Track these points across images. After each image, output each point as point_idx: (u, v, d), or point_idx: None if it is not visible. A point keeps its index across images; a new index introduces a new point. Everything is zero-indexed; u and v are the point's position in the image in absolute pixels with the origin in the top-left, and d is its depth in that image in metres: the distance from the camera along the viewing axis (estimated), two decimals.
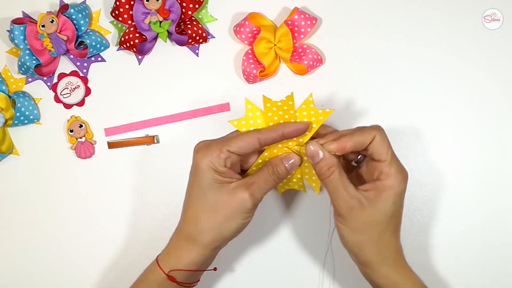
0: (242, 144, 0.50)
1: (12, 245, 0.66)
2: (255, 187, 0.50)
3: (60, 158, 0.65)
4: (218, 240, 0.51)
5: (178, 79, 0.64)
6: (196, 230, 0.51)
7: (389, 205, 0.49)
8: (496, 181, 0.60)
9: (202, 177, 0.50)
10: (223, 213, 0.50)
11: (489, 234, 0.61)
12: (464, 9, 0.61)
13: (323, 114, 0.51)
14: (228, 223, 0.50)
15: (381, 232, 0.50)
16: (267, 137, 0.50)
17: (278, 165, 0.52)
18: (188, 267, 0.52)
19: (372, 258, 0.50)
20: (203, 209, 0.51)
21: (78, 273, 0.65)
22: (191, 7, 0.62)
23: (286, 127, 0.50)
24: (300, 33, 0.61)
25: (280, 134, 0.50)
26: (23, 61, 0.63)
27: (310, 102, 0.51)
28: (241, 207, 0.50)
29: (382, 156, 0.49)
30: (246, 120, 0.52)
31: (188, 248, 0.52)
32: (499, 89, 0.61)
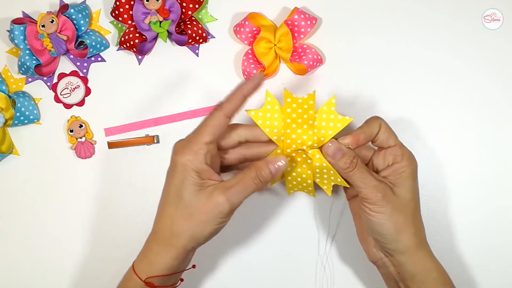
0: (213, 128, 0.49)
1: (12, 245, 0.66)
2: (233, 192, 0.48)
3: (60, 158, 0.65)
4: (191, 243, 0.50)
5: (178, 79, 0.64)
6: (171, 233, 0.50)
7: (412, 183, 0.51)
8: (496, 181, 0.60)
9: (180, 178, 0.49)
10: (198, 218, 0.48)
11: (489, 234, 0.61)
12: (464, 9, 0.61)
13: (342, 121, 0.50)
14: (203, 227, 0.49)
15: (414, 211, 0.51)
16: (230, 107, 0.49)
17: (262, 169, 0.49)
18: (164, 271, 0.50)
19: (411, 241, 0.50)
20: (178, 213, 0.49)
21: (78, 273, 0.65)
22: (191, 7, 0.62)
23: (243, 88, 0.50)
24: (300, 33, 0.61)
25: (241, 98, 0.50)
26: (23, 61, 0.63)
27: (332, 105, 0.49)
28: (217, 212, 0.48)
29: (391, 141, 0.51)
30: (264, 112, 0.50)
31: (161, 252, 0.50)
32: (499, 89, 0.61)
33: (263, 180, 0.49)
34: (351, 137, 0.50)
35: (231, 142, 0.53)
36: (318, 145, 0.50)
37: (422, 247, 0.51)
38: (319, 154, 0.50)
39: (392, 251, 0.51)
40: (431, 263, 0.51)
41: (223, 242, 0.63)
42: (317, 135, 0.50)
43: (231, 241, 0.63)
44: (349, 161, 0.49)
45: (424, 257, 0.51)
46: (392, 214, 0.49)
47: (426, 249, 0.52)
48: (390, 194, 0.50)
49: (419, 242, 0.51)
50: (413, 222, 0.51)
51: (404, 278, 0.51)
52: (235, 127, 0.53)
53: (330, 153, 0.49)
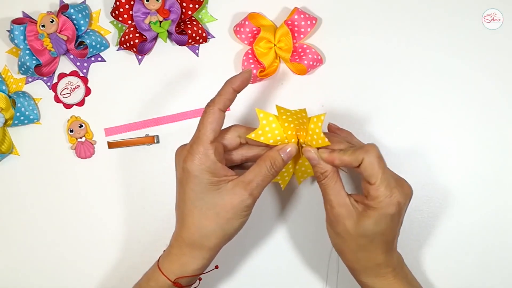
0: (212, 125, 0.49)
1: (12, 245, 0.66)
2: (254, 185, 0.50)
3: (60, 158, 0.65)
4: (223, 241, 0.51)
5: (178, 79, 0.64)
6: (200, 236, 0.51)
7: (372, 224, 0.48)
8: (496, 181, 0.60)
9: (196, 183, 0.49)
10: (225, 216, 0.50)
11: (489, 234, 0.61)
12: (464, 9, 0.61)
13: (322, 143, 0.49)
14: (231, 223, 0.50)
15: (363, 245, 0.49)
16: (222, 101, 0.50)
17: (276, 158, 0.51)
18: (195, 272, 0.52)
19: (351, 265, 0.52)
20: (204, 215, 0.50)
21: (78, 273, 0.65)
22: (191, 7, 0.62)
23: (231, 81, 0.51)
24: (300, 33, 0.61)
25: (230, 91, 0.50)
26: (23, 61, 0.63)
27: (320, 121, 0.49)
28: (242, 207, 0.50)
29: (371, 179, 0.48)
30: (262, 129, 0.51)
31: (194, 255, 0.51)
32: (499, 89, 0.61)
33: (277, 169, 0.51)
34: (328, 155, 0.50)
35: (233, 144, 0.53)
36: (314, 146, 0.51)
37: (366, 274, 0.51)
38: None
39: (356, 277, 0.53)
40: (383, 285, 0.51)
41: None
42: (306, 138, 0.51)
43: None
44: (319, 173, 0.50)
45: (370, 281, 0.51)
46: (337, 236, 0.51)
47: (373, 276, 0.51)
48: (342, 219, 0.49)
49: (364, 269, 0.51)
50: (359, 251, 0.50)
51: None
52: (236, 128, 0.53)
53: (307, 157, 0.51)
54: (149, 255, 0.56)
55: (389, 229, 0.49)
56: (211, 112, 0.50)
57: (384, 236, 0.49)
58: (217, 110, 0.50)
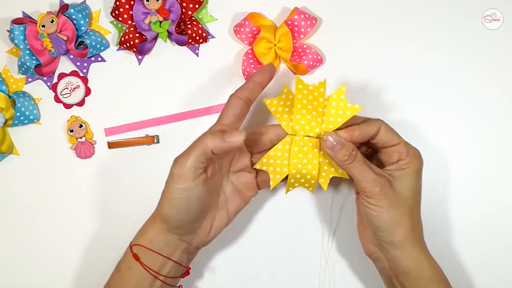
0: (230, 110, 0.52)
1: (11, 245, 0.66)
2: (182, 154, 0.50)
3: (60, 158, 0.65)
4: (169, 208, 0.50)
5: (178, 79, 0.64)
6: (160, 203, 0.52)
7: (414, 180, 0.51)
8: (496, 181, 0.60)
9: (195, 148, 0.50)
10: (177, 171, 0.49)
11: (489, 234, 0.61)
12: (464, 9, 0.61)
13: (351, 109, 0.51)
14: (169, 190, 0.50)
15: (412, 208, 0.51)
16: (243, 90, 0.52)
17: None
18: (146, 243, 0.52)
19: (406, 236, 0.51)
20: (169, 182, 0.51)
21: (77, 273, 0.65)
22: (191, 7, 0.62)
23: (254, 74, 0.53)
24: (300, 33, 0.61)
25: (252, 83, 0.53)
26: (23, 61, 0.63)
27: (342, 93, 0.51)
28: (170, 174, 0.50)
29: (394, 140, 0.52)
30: (278, 101, 0.53)
31: (150, 223, 0.53)
32: (499, 89, 0.61)
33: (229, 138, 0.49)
34: (346, 131, 0.51)
35: (266, 146, 0.55)
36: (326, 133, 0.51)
37: (417, 244, 0.52)
38: None
39: (387, 245, 0.51)
40: (426, 260, 0.52)
41: (224, 242, 0.63)
42: (326, 123, 0.51)
43: (233, 240, 0.63)
44: (348, 154, 0.50)
45: (419, 254, 0.51)
46: (389, 208, 0.50)
47: (421, 247, 0.52)
48: (388, 188, 0.50)
49: (415, 239, 0.51)
50: (410, 218, 0.51)
51: (398, 273, 0.52)
52: (265, 130, 0.55)
53: (329, 146, 0.50)
54: None
55: (419, 188, 0.53)
56: (230, 100, 0.53)
57: (417, 196, 0.52)
58: (234, 96, 0.52)
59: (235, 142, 0.49)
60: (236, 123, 0.53)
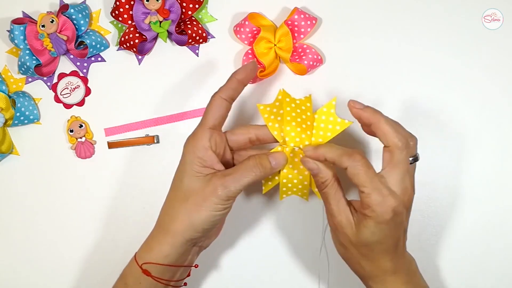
0: (212, 111, 0.51)
1: (11, 245, 0.66)
2: (230, 178, 0.48)
3: (60, 158, 0.65)
4: (188, 230, 0.49)
5: (178, 79, 0.64)
6: (169, 218, 0.50)
7: (368, 234, 0.47)
8: (497, 181, 0.60)
9: (183, 165, 0.50)
10: (194, 201, 0.48)
11: (490, 234, 0.61)
12: (464, 9, 0.61)
13: (341, 124, 0.50)
14: (198, 211, 0.48)
15: (365, 253, 0.48)
16: (225, 90, 0.51)
17: (262, 159, 0.49)
18: (160, 259, 0.50)
19: (357, 272, 0.51)
20: (177, 197, 0.50)
21: (77, 273, 0.65)
22: (191, 7, 0.62)
23: (237, 73, 0.52)
24: (300, 33, 0.61)
25: (235, 81, 0.51)
26: (23, 61, 0.63)
27: (332, 107, 0.50)
28: (213, 197, 0.48)
29: (359, 188, 0.46)
30: (271, 107, 0.52)
31: (159, 238, 0.50)
32: (499, 89, 0.61)
33: (262, 170, 0.49)
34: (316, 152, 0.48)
35: (241, 140, 0.53)
36: None
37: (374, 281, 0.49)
38: None
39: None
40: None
41: (224, 242, 0.63)
42: (315, 136, 0.50)
43: (232, 240, 0.63)
44: (320, 182, 0.49)
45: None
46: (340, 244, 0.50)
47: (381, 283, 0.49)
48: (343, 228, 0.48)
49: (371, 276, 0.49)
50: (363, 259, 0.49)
51: None
52: (245, 126, 0.54)
53: (307, 167, 0.49)
54: None
55: (388, 237, 0.47)
56: (212, 100, 0.51)
57: (383, 244, 0.47)
58: (218, 97, 0.51)
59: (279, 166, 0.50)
60: (221, 124, 0.52)
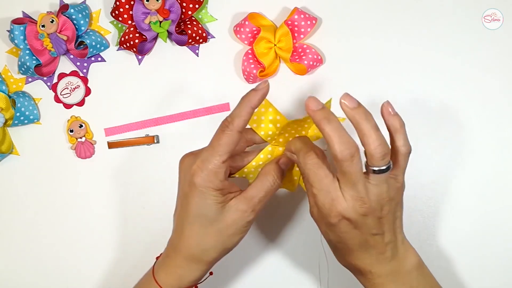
0: (228, 147, 0.47)
1: (12, 245, 0.66)
2: (256, 201, 0.49)
3: (60, 158, 0.65)
4: (221, 255, 0.51)
5: (178, 79, 0.64)
6: (200, 250, 0.50)
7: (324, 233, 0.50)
8: (497, 181, 0.60)
9: (202, 197, 0.48)
10: (227, 232, 0.49)
11: (489, 234, 0.61)
12: (464, 9, 0.61)
13: None
14: (231, 239, 0.50)
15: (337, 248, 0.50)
16: (241, 122, 0.48)
17: (278, 171, 0.51)
18: (191, 284, 0.52)
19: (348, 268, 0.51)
20: (205, 230, 0.49)
21: (77, 273, 0.65)
22: (191, 7, 0.62)
23: (251, 100, 0.48)
24: (300, 33, 0.61)
25: (249, 111, 0.47)
26: (23, 61, 0.63)
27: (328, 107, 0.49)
28: (244, 222, 0.49)
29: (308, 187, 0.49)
30: (258, 115, 0.51)
31: (191, 267, 0.51)
32: (499, 89, 0.61)
33: (280, 181, 0.51)
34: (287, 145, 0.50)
35: (241, 149, 0.54)
36: None
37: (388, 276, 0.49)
38: None
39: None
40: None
41: None
42: (310, 135, 0.51)
43: None
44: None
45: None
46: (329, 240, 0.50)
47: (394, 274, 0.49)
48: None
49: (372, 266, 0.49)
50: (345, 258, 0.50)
51: None
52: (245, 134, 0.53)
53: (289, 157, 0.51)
54: (149, 255, 0.56)
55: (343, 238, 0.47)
56: (229, 135, 0.47)
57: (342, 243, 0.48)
58: (236, 132, 0.47)
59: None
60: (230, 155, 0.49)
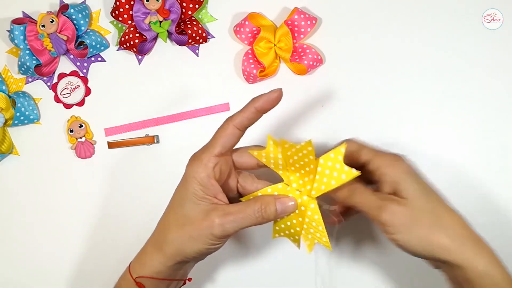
0: (222, 139, 0.48)
1: (12, 245, 0.66)
2: (230, 218, 0.46)
3: (60, 158, 0.65)
4: (180, 255, 0.49)
5: (178, 79, 0.64)
6: (163, 239, 0.49)
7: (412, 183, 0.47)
8: (497, 181, 0.60)
9: (186, 187, 0.48)
10: (189, 231, 0.47)
11: (489, 235, 0.61)
12: (464, 9, 0.61)
13: (347, 173, 0.45)
14: (191, 242, 0.48)
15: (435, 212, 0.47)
16: (240, 118, 0.47)
17: (268, 204, 0.47)
18: (153, 274, 0.50)
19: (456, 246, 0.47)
20: (174, 220, 0.49)
21: (78, 273, 0.65)
22: (191, 7, 0.62)
23: (256, 101, 0.47)
24: (300, 33, 0.61)
25: (252, 111, 0.47)
26: (23, 61, 0.63)
27: (340, 154, 0.45)
28: (208, 233, 0.47)
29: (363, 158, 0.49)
30: (267, 153, 0.48)
31: (152, 255, 0.50)
32: (499, 89, 0.61)
33: (266, 216, 0.47)
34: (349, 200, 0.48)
35: (249, 164, 0.51)
36: (317, 194, 0.47)
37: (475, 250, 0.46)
38: (314, 204, 0.47)
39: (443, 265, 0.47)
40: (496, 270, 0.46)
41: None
42: (318, 182, 0.46)
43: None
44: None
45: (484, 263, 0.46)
46: (411, 229, 0.46)
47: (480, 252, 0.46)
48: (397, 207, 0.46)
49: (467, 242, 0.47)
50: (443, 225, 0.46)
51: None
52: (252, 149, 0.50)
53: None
54: None
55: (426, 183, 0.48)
56: (225, 127, 0.48)
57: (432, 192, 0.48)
58: (232, 126, 0.47)
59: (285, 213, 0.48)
60: (229, 151, 0.49)
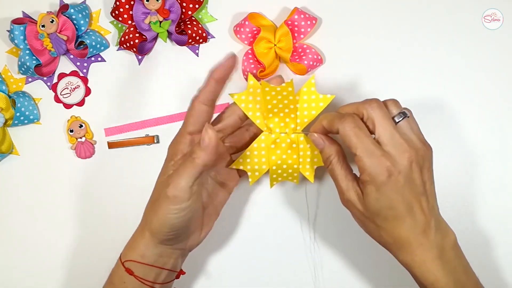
0: (192, 117, 0.51)
1: (12, 245, 0.66)
2: (174, 176, 0.48)
3: (60, 158, 0.65)
4: (153, 232, 0.50)
5: (178, 79, 0.64)
6: (146, 218, 0.52)
7: (373, 200, 0.46)
8: (497, 181, 0.60)
9: (164, 164, 0.52)
10: (155, 205, 0.50)
11: (489, 234, 0.61)
12: (464, 9, 0.61)
13: (324, 100, 0.51)
14: (156, 215, 0.49)
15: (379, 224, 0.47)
16: (204, 94, 0.50)
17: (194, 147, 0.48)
18: (138, 257, 0.51)
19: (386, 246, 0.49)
20: (152, 197, 0.52)
21: (78, 273, 0.65)
22: (191, 7, 0.62)
23: (213, 73, 0.50)
24: (300, 33, 0.61)
25: (212, 83, 0.50)
26: (23, 61, 0.63)
27: (312, 85, 0.51)
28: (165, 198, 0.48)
29: (351, 150, 0.47)
30: (246, 95, 0.51)
31: (137, 237, 0.52)
32: (499, 89, 0.61)
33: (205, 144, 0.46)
34: (316, 129, 0.50)
35: (232, 122, 0.54)
36: (302, 127, 0.52)
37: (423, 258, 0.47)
38: (302, 137, 0.52)
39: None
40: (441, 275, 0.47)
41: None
42: (300, 117, 0.51)
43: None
44: (325, 158, 0.50)
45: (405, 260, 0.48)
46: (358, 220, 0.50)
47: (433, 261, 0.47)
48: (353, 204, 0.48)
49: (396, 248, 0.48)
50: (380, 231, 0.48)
51: None
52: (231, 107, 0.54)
53: (314, 143, 0.51)
54: None
55: (395, 201, 0.45)
56: (193, 106, 0.51)
57: (393, 210, 0.46)
58: (197, 103, 0.51)
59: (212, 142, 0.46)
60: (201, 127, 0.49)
